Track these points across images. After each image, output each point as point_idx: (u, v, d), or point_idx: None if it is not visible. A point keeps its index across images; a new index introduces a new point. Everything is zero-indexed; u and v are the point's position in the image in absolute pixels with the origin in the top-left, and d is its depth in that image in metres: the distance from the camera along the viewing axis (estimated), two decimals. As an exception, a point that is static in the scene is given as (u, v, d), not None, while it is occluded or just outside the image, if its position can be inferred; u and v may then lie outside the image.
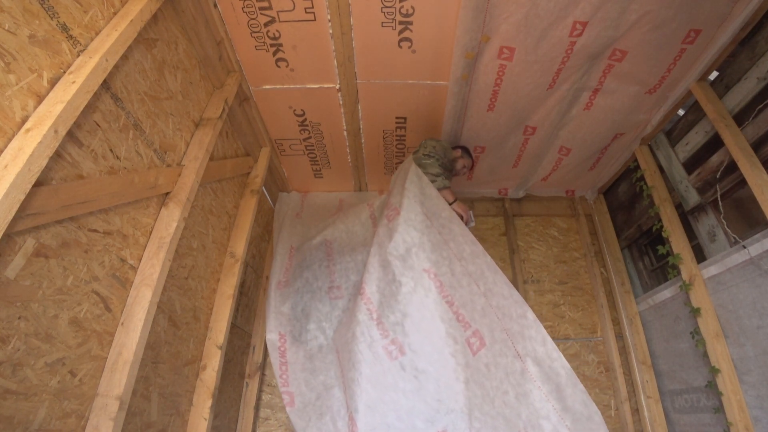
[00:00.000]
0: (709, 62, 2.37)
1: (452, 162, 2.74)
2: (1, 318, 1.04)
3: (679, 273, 2.62)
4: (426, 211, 2.26)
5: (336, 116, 2.75)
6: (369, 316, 2.06)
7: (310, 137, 2.95)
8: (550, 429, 1.69)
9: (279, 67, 2.39)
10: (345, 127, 2.84)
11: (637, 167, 3.10)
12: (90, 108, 1.30)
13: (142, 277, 1.55)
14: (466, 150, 2.89)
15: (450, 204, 2.40)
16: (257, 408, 2.80)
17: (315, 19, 2.14)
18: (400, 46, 2.29)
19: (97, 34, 1.35)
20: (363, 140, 2.99)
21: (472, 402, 1.74)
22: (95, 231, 1.37)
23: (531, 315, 1.94)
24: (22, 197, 0.99)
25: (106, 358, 1.39)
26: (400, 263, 2.15)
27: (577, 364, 3.11)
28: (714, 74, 2.51)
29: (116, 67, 1.39)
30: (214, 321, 2.19)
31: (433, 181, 2.42)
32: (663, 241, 2.84)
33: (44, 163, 1.06)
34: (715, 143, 2.45)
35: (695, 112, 2.63)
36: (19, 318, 1.09)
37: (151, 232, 1.66)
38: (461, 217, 2.43)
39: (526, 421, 1.69)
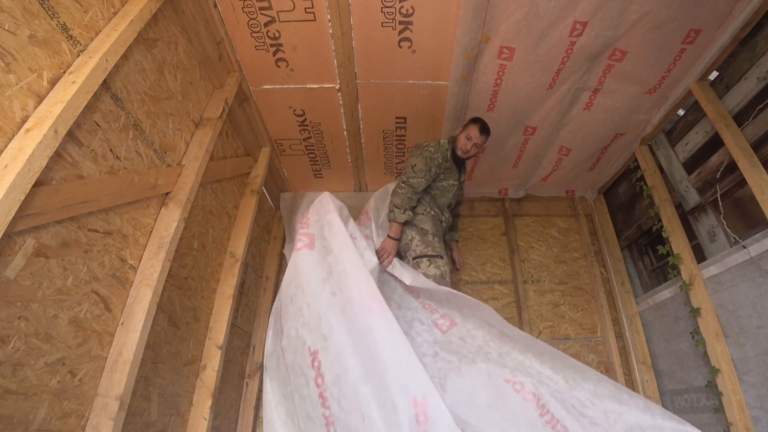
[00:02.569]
0: (709, 62, 2.37)
1: (448, 156, 2.53)
2: (1, 318, 1.04)
3: (679, 273, 2.62)
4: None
5: (336, 116, 2.75)
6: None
7: (310, 137, 2.95)
8: (538, 368, 1.80)
9: (279, 67, 2.39)
10: (345, 127, 2.84)
11: (637, 167, 3.10)
12: (90, 108, 1.30)
13: (142, 277, 1.55)
14: (471, 120, 2.57)
15: (387, 236, 2.35)
16: (257, 408, 2.79)
17: (315, 19, 2.14)
18: (400, 46, 2.29)
19: (97, 34, 1.35)
20: (363, 140, 2.99)
21: (443, 371, 1.78)
22: (95, 231, 1.37)
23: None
24: (22, 197, 0.99)
25: (106, 358, 1.39)
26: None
27: (577, 364, 3.11)
28: (714, 74, 2.51)
29: (116, 67, 1.39)
30: (214, 321, 2.19)
31: (390, 211, 2.38)
32: (663, 241, 2.84)
33: (44, 163, 1.06)
34: (715, 143, 2.45)
35: (695, 112, 2.63)
36: (19, 318, 1.09)
37: (151, 232, 1.66)
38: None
39: (513, 367, 1.75)
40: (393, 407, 1.40)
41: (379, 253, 2.25)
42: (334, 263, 1.95)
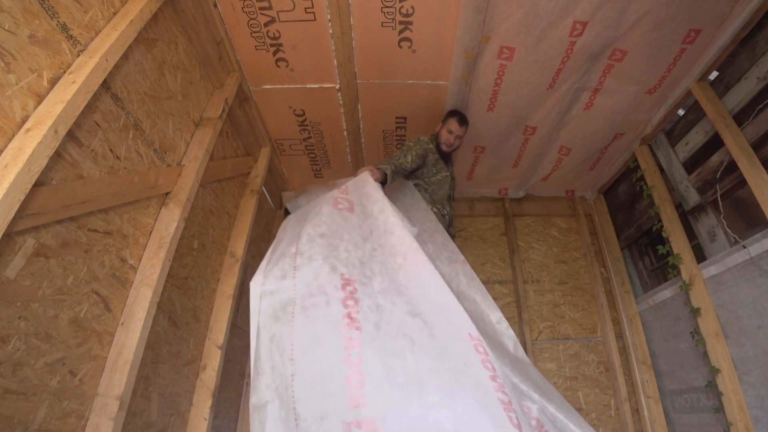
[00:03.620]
0: (709, 62, 2.37)
1: (433, 149, 2.51)
2: (1, 318, 1.03)
3: (679, 273, 2.62)
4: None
5: (336, 116, 2.75)
6: None
7: (310, 137, 2.95)
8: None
9: (279, 67, 2.39)
10: (345, 127, 2.84)
11: (637, 167, 3.10)
12: (90, 108, 1.30)
13: (142, 276, 1.55)
14: (449, 113, 2.57)
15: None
16: (257, 408, 2.79)
17: (315, 19, 2.14)
18: (400, 46, 2.29)
19: (97, 34, 1.35)
20: (363, 140, 2.99)
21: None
22: (95, 231, 1.37)
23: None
24: (22, 197, 0.99)
25: (106, 357, 1.39)
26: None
27: (577, 363, 3.11)
28: (714, 74, 2.51)
29: (116, 67, 1.39)
30: (214, 321, 2.19)
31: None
32: (663, 241, 2.84)
33: (44, 163, 1.06)
34: (715, 143, 2.45)
35: (695, 112, 2.63)
36: (19, 318, 1.09)
37: (151, 232, 1.66)
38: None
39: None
40: (449, 336, 1.26)
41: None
42: (374, 226, 1.76)
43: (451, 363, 1.17)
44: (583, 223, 3.60)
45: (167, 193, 1.76)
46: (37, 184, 1.06)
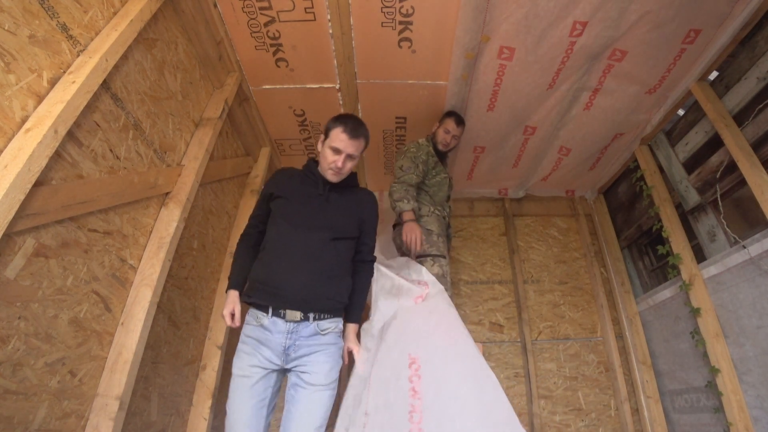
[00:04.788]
0: (709, 62, 2.37)
1: (432, 152, 2.54)
2: (1, 318, 1.04)
3: (679, 273, 2.62)
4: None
5: (336, 116, 2.75)
6: None
7: (310, 137, 2.95)
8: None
9: (279, 67, 2.39)
10: (345, 127, 2.84)
11: (637, 167, 3.10)
12: (90, 108, 1.30)
13: (142, 277, 1.55)
14: (446, 114, 2.61)
15: (404, 221, 2.21)
16: (257, 408, 2.79)
17: (315, 19, 2.14)
18: (400, 46, 2.29)
19: (97, 34, 1.35)
20: (363, 140, 2.99)
21: None
22: (95, 231, 1.37)
23: None
24: (22, 197, 0.99)
25: (106, 358, 1.39)
26: None
27: (576, 364, 3.11)
28: (714, 74, 2.51)
29: (116, 67, 1.39)
30: (214, 321, 2.19)
31: (393, 207, 2.31)
32: (663, 241, 2.84)
33: (44, 163, 1.06)
34: (715, 143, 2.45)
35: (695, 112, 2.63)
36: (19, 318, 1.09)
37: (151, 232, 1.66)
38: (405, 248, 2.22)
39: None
40: (494, 399, 1.54)
41: (407, 242, 2.17)
42: (436, 305, 2.03)
43: (497, 419, 1.47)
44: (583, 223, 3.60)
45: (167, 193, 1.76)
46: (37, 184, 1.06)
